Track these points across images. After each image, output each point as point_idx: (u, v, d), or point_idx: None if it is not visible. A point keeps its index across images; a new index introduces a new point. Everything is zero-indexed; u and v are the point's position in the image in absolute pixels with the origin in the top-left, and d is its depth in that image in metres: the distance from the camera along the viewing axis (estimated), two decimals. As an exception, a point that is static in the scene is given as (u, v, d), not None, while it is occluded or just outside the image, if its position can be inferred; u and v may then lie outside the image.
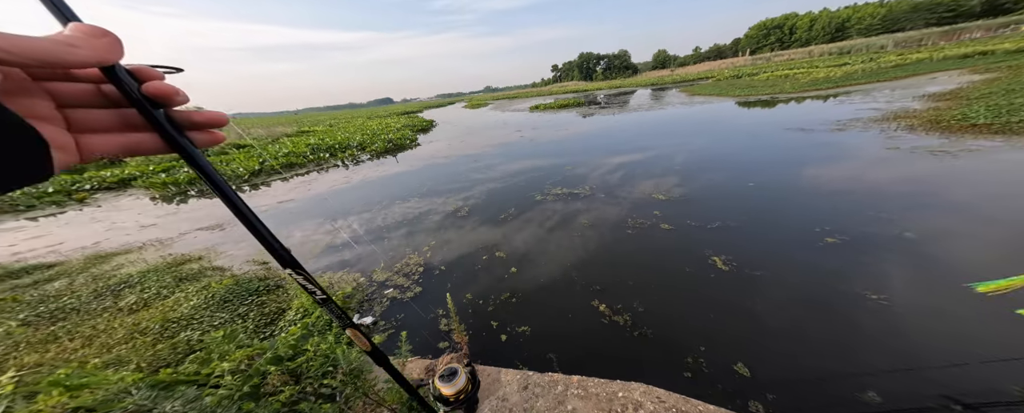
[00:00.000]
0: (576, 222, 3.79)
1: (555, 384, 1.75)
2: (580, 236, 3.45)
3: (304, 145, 12.60)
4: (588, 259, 2.99)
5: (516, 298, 2.59)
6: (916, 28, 57.00)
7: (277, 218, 5.51)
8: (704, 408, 1.47)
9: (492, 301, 2.60)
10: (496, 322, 2.36)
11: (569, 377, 1.76)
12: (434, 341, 2.29)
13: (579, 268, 2.85)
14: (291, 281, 3.19)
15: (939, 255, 2.35)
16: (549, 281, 2.75)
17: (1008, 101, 5.54)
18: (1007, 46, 13.03)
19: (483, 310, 2.50)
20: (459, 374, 0.93)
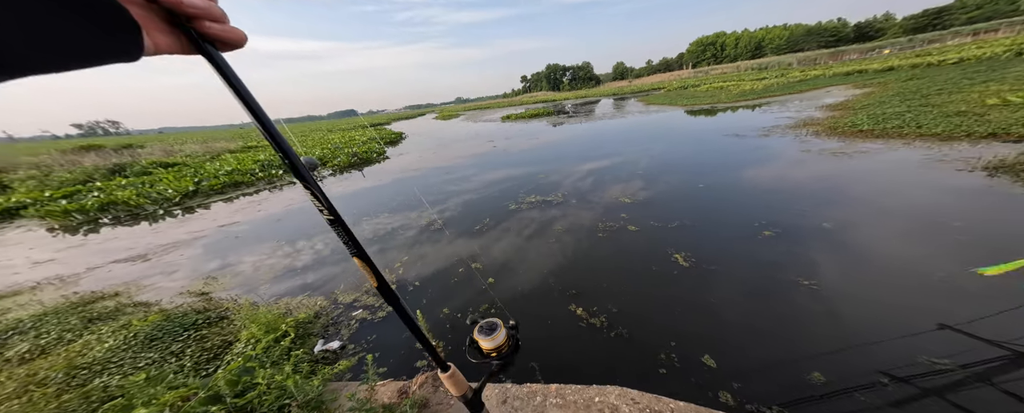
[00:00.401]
0: (551, 229, 3.88)
1: (534, 395, 1.75)
2: (556, 242, 3.54)
3: (251, 161, 11.59)
4: (564, 264, 3.08)
5: (495, 309, 2.58)
6: (812, 49, 69.58)
7: (220, 245, 4.95)
8: (675, 405, 1.55)
9: (471, 314, 2.56)
10: (477, 334, 2.31)
11: (547, 386, 1.77)
12: (411, 360, 2.19)
13: (556, 274, 2.92)
14: (237, 310, 2.86)
15: (850, 242, 2.76)
16: (527, 289, 2.77)
17: (882, 111, 6.83)
18: (875, 66, 16.13)
19: (462, 324, 2.45)
20: (499, 330, 0.89)
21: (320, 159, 11.70)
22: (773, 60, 49.81)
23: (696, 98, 16.57)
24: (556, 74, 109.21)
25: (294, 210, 6.40)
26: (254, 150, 16.85)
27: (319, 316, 2.83)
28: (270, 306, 3.00)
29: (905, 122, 5.74)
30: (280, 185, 9.10)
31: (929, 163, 4.08)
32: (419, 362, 2.17)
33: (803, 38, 79.82)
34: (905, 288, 2.15)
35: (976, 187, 3.30)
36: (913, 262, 2.39)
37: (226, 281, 3.76)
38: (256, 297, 3.30)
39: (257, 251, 4.53)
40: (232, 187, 9.17)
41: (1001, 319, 1.80)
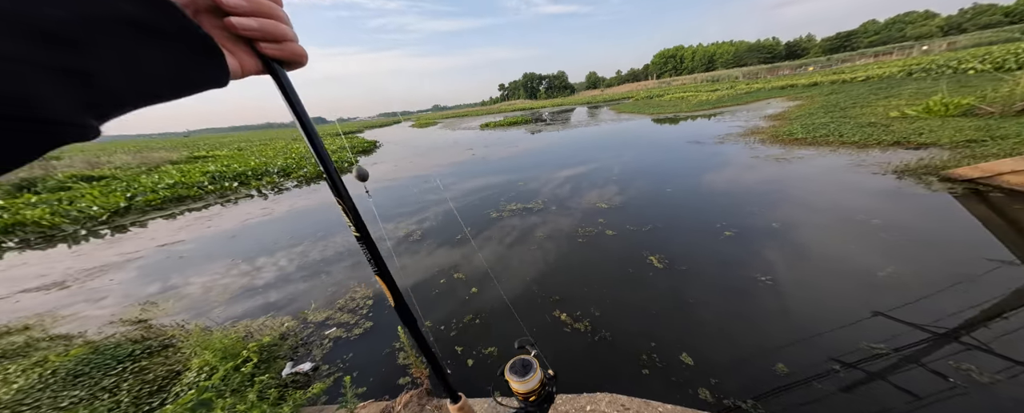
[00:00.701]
0: (532, 236, 3.91)
1: (526, 403, 1.74)
2: (537, 249, 3.57)
3: (199, 173, 10.50)
4: (546, 271, 3.11)
5: (479, 319, 2.54)
6: (754, 64, 78.60)
7: (160, 266, 4.44)
8: (663, 409, 1.59)
9: (455, 325, 2.50)
10: (461, 347, 2.27)
11: (538, 395, 1.77)
12: (393, 378, 2.09)
13: (539, 281, 2.95)
14: (185, 337, 2.56)
15: (795, 240, 3.07)
16: (512, 297, 2.76)
17: (812, 122, 7.79)
18: (803, 81, 18.44)
19: (446, 336, 2.38)
20: (534, 373, 0.79)
21: (283, 170, 10.90)
22: (723, 73, 55.29)
23: (661, 107, 17.74)
24: (533, 82, 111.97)
25: (253, 225, 5.89)
26: (203, 161, 15.27)
27: (286, 337, 2.61)
28: (226, 330, 2.72)
29: (830, 131, 6.59)
30: (235, 198, 8.34)
31: (851, 168, 4.69)
32: (402, 379, 2.07)
33: (746, 54, 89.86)
34: (843, 280, 2.42)
35: (889, 188, 3.84)
36: (847, 256, 2.70)
37: (169, 306, 3.35)
38: (208, 321, 2.97)
39: (207, 271, 4.10)
40: (175, 202, 8.26)
41: (921, 305, 2.09)
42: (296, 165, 11.45)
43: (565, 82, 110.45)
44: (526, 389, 0.79)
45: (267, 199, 7.86)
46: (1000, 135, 4.70)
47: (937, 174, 3.90)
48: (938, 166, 4.06)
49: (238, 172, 10.54)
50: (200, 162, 14.36)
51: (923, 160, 4.35)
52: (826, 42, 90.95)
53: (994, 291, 2.10)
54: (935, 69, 13.19)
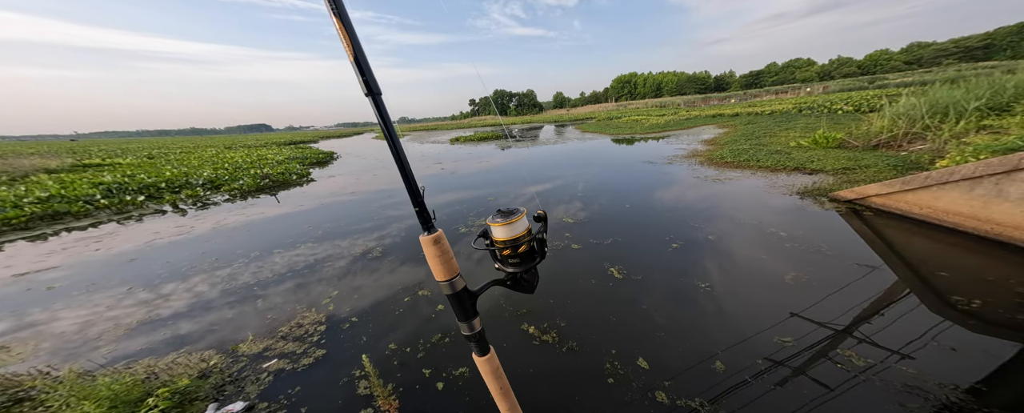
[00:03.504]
0: None
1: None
2: (501, 263, 3.54)
3: (88, 185, 8.62)
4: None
5: (449, 338, 2.41)
6: (691, 94, 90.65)
7: (13, 301, 3.57)
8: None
9: (422, 346, 2.34)
10: (429, 370, 2.11)
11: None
12: (353, 411, 1.85)
13: (506, 295, 2.91)
14: (53, 386, 2.00)
15: (725, 250, 3.49)
16: (481, 312, 2.67)
17: (736, 147, 9.11)
18: (728, 111, 21.63)
19: (412, 359, 2.21)
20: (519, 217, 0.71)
21: (210, 181, 9.38)
22: (668, 100, 62.47)
23: (619, 128, 19.22)
24: (503, 99, 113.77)
25: (161, 246, 4.95)
26: (96, 170, 12.57)
27: (207, 375, 2.19)
28: (118, 373, 2.20)
29: (750, 157, 7.74)
30: (138, 215, 6.97)
31: (766, 188, 5.53)
32: (364, 411, 1.85)
33: (686, 83, 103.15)
34: (762, 284, 2.79)
35: (793, 206, 4.59)
36: (765, 264, 3.13)
37: (24, 349, 2.64)
38: (89, 364, 2.38)
39: (89, 303, 3.34)
40: (48, 219, 6.67)
41: (823, 305, 2.48)
42: (229, 176, 9.94)
43: (534, 100, 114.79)
44: (509, 235, 0.72)
45: (185, 215, 6.72)
46: (865, 164, 5.95)
47: (826, 195, 4.77)
48: (826, 189, 4.97)
49: (146, 184, 8.89)
50: (91, 171, 11.79)
51: (816, 183, 5.31)
52: (743, 78, 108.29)
53: (869, 292, 2.59)
54: (817, 107, 16.41)
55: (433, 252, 0.73)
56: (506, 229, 0.74)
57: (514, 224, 0.73)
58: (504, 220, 0.73)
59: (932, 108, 6.85)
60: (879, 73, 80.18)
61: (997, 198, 3.09)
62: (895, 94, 12.28)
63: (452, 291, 0.75)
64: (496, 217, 0.75)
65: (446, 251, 0.73)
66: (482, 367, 0.86)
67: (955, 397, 1.69)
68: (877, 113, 8.40)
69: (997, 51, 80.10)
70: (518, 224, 0.73)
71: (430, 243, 0.73)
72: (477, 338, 0.83)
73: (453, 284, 0.75)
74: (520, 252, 0.77)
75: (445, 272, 0.73)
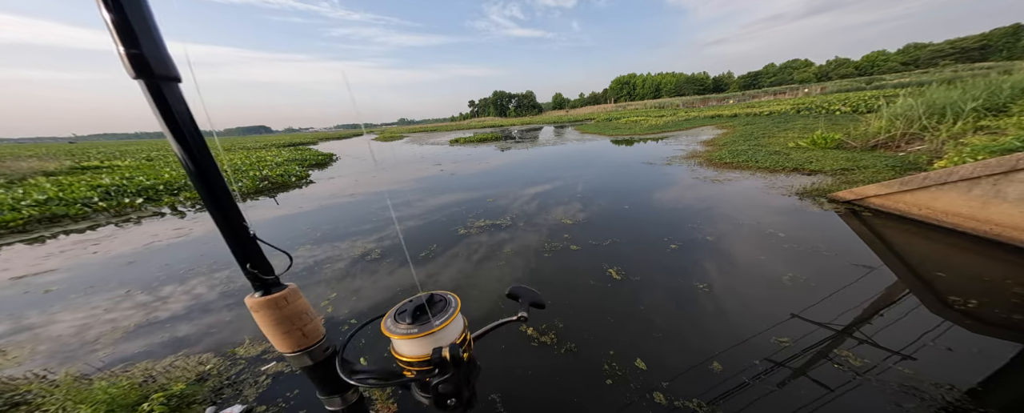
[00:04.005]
0: (500, 252, 3.87)
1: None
2: (505, 265, 3.54)
3: (86, 187, 8.60)
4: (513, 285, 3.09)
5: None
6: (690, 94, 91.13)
7: (10, 303, 3.55)
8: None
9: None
10: (426, 373, 2.10)
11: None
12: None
13: (503, 297, 2.90)
14: (49, 389, 1.99)
15: (724, 251, 3.49)
16: (479, 314, 2.68)
17: (735, 148, 9.13)
18: (727, 112, 21.70)
19: (407, 362, 2.20)
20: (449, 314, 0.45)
21: None
22: (667, 101, 62.90)
23: (619, 129, 19.27)
24: (503, 100, 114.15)
25: (159, 248, 4.94)
26: (95, 172, 12.55)
27: (205, 378, 2.18)
28: (115, 377, 2.19)
29: (749, 158, 7.76)
30: (136, 217, 6.94)
31: (765, 189, 5.54)
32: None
33: (684, 84, 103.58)
34: (762, 285, 2.79)
35: (793, 207, 4.60)
36: (764, 265, 3.13)
37: (20, 352, 2.62)
38: (86, 367, 2.37)
39: (86, 305, 3.33)
40: (46, 222, 6.66)
41: (824, 305, 2.49)
42: (228, 178, 9.87)
43: (533, 101, 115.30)
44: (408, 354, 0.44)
45: (184, 218, 6.70)
46: (863, 165, 5.97)
47: (825, 196, 4.79)
48: (825, 189, 4.98)
49: (145, 186, 8.85)
50: (90, 174, 11.77)
51: (815, 184, 5.32)
52: (741, 79, 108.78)
53: (868, 292, 2.59)
54: (815, 108, 16.48)
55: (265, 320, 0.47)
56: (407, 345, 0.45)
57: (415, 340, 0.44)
58: (401, 330, 0.45)
59: (929, 109, 6.88)
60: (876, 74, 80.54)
61: (995, 198, 3.10)
62: (892, 95, 12.35)
63: (304, 365, 0.50)
64: (392, 320, 0.47)
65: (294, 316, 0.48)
66: None
67: (951, 397, 1.69)
68: (875, 114, 8.42)
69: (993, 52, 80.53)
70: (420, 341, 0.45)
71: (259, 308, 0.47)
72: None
73: (305, 356, 0.49)
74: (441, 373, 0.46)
75: (288, 343, 0.48)
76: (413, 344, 0.44)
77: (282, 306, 0.48)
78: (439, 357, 0.44)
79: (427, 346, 0.45)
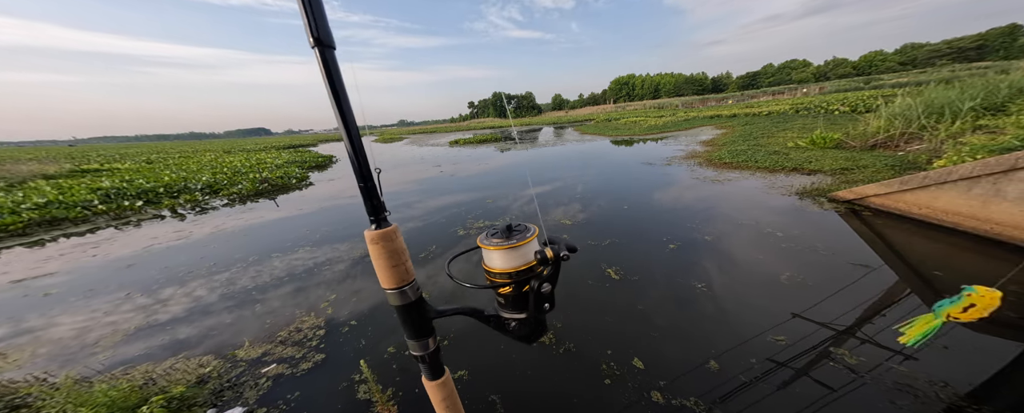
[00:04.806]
0: None
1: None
2: (501, 265, 3.54)
3: (86, 190, 8.60)
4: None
5: (448, 340, 2.40)
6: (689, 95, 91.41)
7: (10, 306, 3.53)
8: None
9: (417, 352, 2.32)
10: (426, 374, 2.10)
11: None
12: (353, 416, 1.84)
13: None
14: (49, 393, 1.99)
15: (723, 251, 3.49)
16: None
17: (735, 148, 9.14)
18: (726, 112, 21.74)
19: (410, 361, 2.20)
20: (529, 237, 0.52)
21: (209, 186, 9.37)
22: (666, 102, 63.04)
23: (618, 130, 19.30)
24: (502, 102, 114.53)
25: (159, 251, 4.94)
26: (95, 175, 12.55)
27: (205, 381, 2.18)
28: (115, 380, 2.18)
29: (749, 158, 7.77)
30: (136, 220, 6.93)
31: (764, 189, 5.54)
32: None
33: (683, 85, 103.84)
34: (761, 286, 2.78)
35: (793, 207, 4.60)
36: (763, 265, 3.12)
37: (21, 356, 2.62)
38: (87, 370, 2.36)
39: (86, 309, 3.32)
40: (46, 225, 6.65)
41: (824, 304, 2.49)
42: (228, 181, 9.91)
43: (533, 102, 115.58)
44: (502, 265, 0.53)
45: (184, 220, 6.69)
46: (862, 165, 5.97)
47: (825, 195, 4.79)
48: (825, 189, 4.98)
49: (145, 189, 8.85)
50: (90, 177, 11.77)
51: (814, 184, 5.32)
52: (740, 79, 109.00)
53: (869, 292, 2.59)
54: (813, 108, 16.52)
55: (379, 252, 0.55)
56: (497, 255, 0.54)
57: (508, 252, 0.52)
58: (498, 243, 0.53)
59: (928, 108, 6.90)
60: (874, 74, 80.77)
61: (995, 198, 3.11)
62: (891, 95, 12.39)
63: (401, 302, 0.58)
64: (490, 236, 0.56)
65: (397, 252, 0.57)
66: (433, 393, 0.69)
67: (945, 395, 1.69)
68: (873, 113, 8.44)
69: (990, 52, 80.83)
70: (513, 254, 0.52)
71: (376, 240, 0.55)
72: (428, 360, 0.65)
73: (403, 294, 0.58)
74: (504, 293, 0.57)
75: (392, 278, 0.56)
76: (507, 255, 0.54)
77: (393, 239, 0.57)
78: (543, 255, 0.54)
79: (520, 257, 0.55)
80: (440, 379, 0.69)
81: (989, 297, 1.24)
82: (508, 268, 0.55)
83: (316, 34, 0.46)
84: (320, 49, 0.47)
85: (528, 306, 0.58)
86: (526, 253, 0.55)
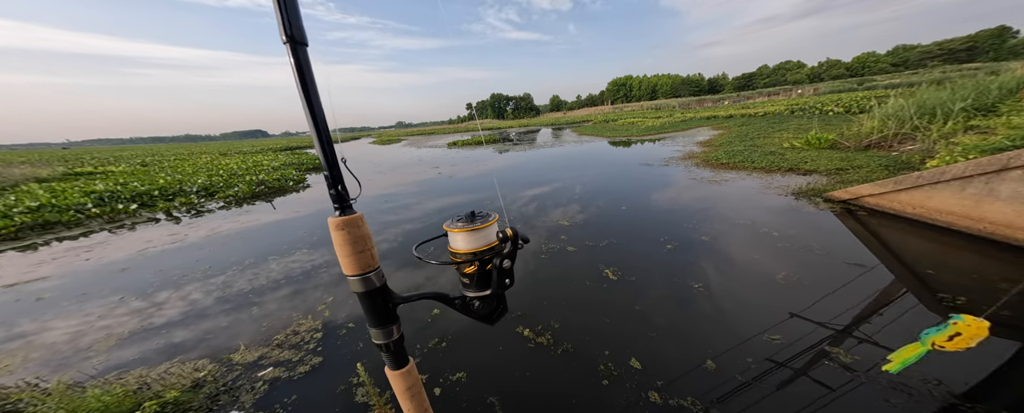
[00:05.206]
0: None
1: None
2: (499, 266, 3.54)
3: (80, 193, 8.52)
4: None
5: (446, 342, 2.39)
6: (686, 96, 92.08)
7: (2, 311, 3.48)
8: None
9: (418, 351, 2.32)
10: (425, 375, 2.09)
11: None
12: (351, 420, 1.82)
13: (502, 298, 2.89)
14: (41, 398, 1.96)
15: (720, 251, 3.50)
16: (473, 318, 2.66)
17: (732, 149, 9.20)
18: (722, 113, 21.91)
19: (407, 366, 2.18)
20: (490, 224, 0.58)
21: (205, 188, 9.30)
22: (663, 103, 63.40)
23: (616, 130, 19.37)
24: (500, 103, 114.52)
25: (154, 254, 4.90)
26: (89, 178, 12.44)
27: (201, 385, 2.15)
28: (108, 384, 2.15)
29: (745, 158, 7.82)
30: (130, 223, 6.87)
31: (761, 189, 5.57)
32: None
33: (680, 86, 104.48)
34: (758, 286, 2.79)
35: (789, 207, 4.63)
36: (760, 265, 3.13)
37: (12, 361, 2.60)
38: (80, 375, 2.33)
39: (79, 313, 3.29)
40: (38, 229, 6.58)
41: (821, 304, 2.50)
42: (224, 183, 9.85)
43: (531, 104, 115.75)
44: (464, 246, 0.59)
45: (179, 223, 6.64)
46: (857, 165, 6.03)
47: (821, 195, 4.83)
48: (820, 189, 5.02)
49: (139, 191, 8.78)
50: (83, 180, 11.66)
51: (810, 184, 5.36)
52: (736, 80, 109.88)
53: (865, 291, 2.60)
54: (808, 109, 16.68)
55: (342, 238, 0.56)
56: (461, 237, 0.60)
57: (471, 234, 0.59)
58: (463, 226, 0.60)
59: (920, 109, 6.98)
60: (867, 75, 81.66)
61: (989, 197, 3.14)
62: (883, 95, 12.53)
63: (363, 289, 0.59)
64: (456, 220, 0.62)
65: (360, 239, 0.58)
66: (396, 383, 0.68)
67: (939, 393, 1.70)
68: (867, 114, 8.53)
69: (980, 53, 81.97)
70: (476, 235, 0.59)
71: (338, 227, 0.56)
72: (391, 348, 0.65)
73: (367, 280, 0.58)
74: (467, 272, 0.63)
75: (355, 265, 0.57)
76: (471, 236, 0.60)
77: (358, 225, 0.59)
78: (504, 235, 0.63)
79: (483, 239, 0.61)
80: (404, 368, 0.68)
81: (976, 326, 1.24)
82: (471, 249, 0.61)
83: (289, 32, 0.47)
84: (292, 46, 0.49)
85: (491, 283, 0.64)
86: (488, 235, 0.62)
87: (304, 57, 0.50)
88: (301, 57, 0.49)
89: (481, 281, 0.64)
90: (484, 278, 0.64)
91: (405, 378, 0.68)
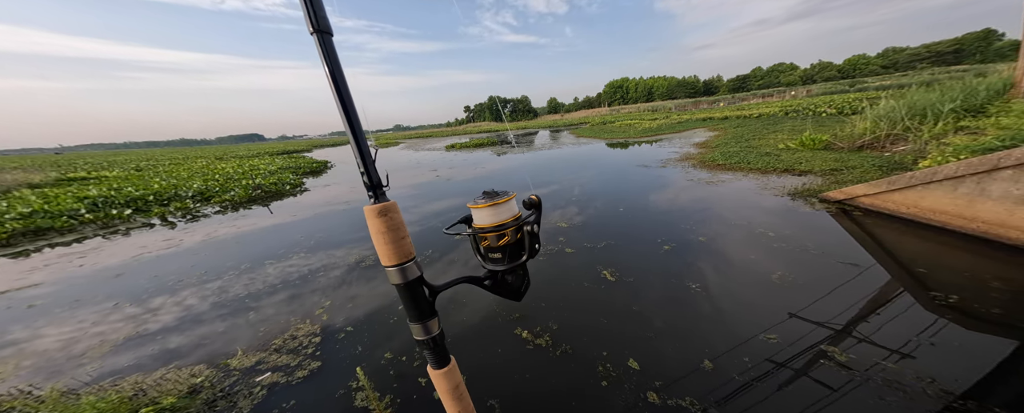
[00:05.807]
0: None
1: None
2: (497, 269, 3.54)
3: (73, 199, 8.43)
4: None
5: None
6: (681, 98, 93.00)
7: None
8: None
9: (417, 354, 2.30)
10: (425, 379, 2.08)
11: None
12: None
13: (500, 301, 2.88)
14: (34, 406, 1.93)
15: (717, 251, 3.52)
16: (475, 319, 2.66)
17: (728, 150, 9.28)
18: (718, 115, 22.13)
19: (408, 367, 2.18)
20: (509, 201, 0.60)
21: (200, 193, 9.24)
22: (660, 104, 63.98)
23: (613, 132, 19.45)
24: (498, 105, 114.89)
25: (148, 260, 4.85)
26: (82, 183, 12.32)
27: (198, 391, 2.13)
28: (103, 391, 2.13)
29: (741, 159, 7.89)
30: (125, 229, 6.80)
31: (757, 190, 5.62)
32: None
33: (676, 88, 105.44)
34: (755, 286, 2.81)
35: (785, 207, 4.67)
36: (757, 265, 3.15)
37: (4, 368, 2.58)
38: (74, 382, 2.30)
39: (73, 319, 3.25)
40: (30, 236, 6.51)
41: (818, 304, 2.52)
42: (220, 187, 9.78)
43: (529, 106, 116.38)
44: (491, 220, 0.61)
45: (174, 229, 6.58)
46: (851, 165, 6.10)
47: (816, 196, 4.87)
48: (815, 190, 5.07)
49: (133, 197, 8.72)
50: (76, 185, 11.54)
51: (806, 185, 5.42)
52: (730, 82, 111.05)
53: (861, 290, 2.63)
54: (802, 110, 16.88)
55: (379, 226, 0.56)
56: (489, 213, 0.61)
57: (498, 207, 0.61)
58: (487, 201, 0.61)
59: (911, 110, 7.09)
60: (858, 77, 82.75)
61: (980, 196, 3.19)
62: (875, 97, 12.72)
63: (402, 280, 0.57)
64: (479, 198, 0.63)
65: (397, 227, 0.57)
66: (439, 383, 0.64)
67: (933, 391, 1.72)
68: (859, 115, 8.64)
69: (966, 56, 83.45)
70: (503, 207, 0.61)
71: (375, 215, 0.56)
72: (432, 345, 0.62)
73: (404, 271, 0.57)
74: (502, 244, 0.63)
75: (394, 254, 0.56)
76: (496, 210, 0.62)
77: (392, 213, 0.59)
78: (529, 200, 0.68)
79: (507, 211, 0.64)
80: (446, 367, 0.65)
81: None
82: (496, 222, 0.63)
83: (316, 24, 0.49)
84: (319, 36, 0.50)
85: (525, 249, 0.66)
86: (511, 207, 0.65)
87: (331, 47, 0.52)
88: (329, 47, 0.51)
89: (515, 251, 0.66)
90: (517, 247, 0.66)
91: (449, 377, 0.64)
